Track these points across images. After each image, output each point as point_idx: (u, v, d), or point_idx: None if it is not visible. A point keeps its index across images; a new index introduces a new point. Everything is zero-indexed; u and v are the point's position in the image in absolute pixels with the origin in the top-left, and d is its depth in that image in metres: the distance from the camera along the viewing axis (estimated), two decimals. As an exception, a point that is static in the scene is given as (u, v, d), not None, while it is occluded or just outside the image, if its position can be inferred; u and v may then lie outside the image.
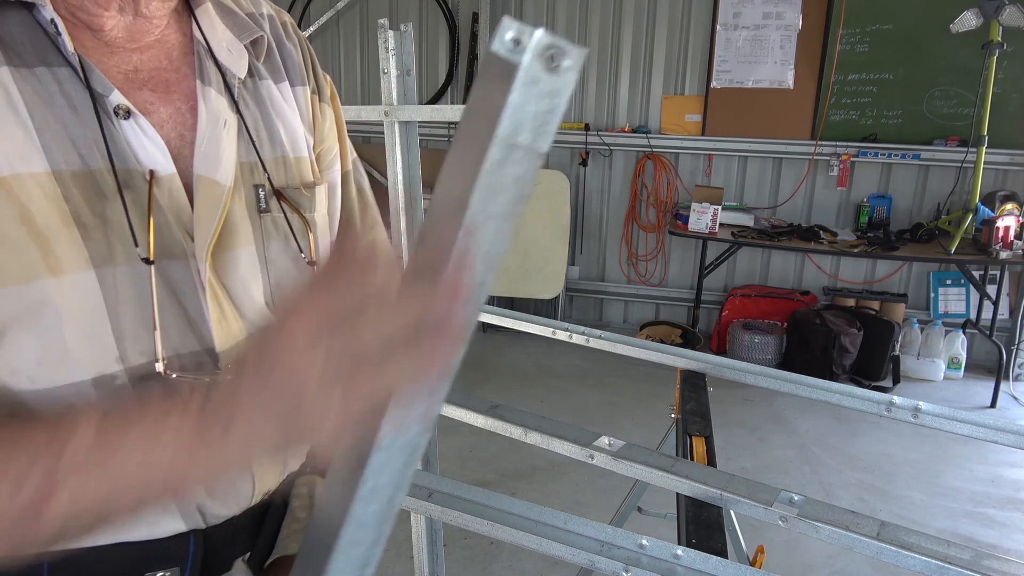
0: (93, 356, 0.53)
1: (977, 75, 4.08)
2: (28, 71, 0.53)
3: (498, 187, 0.39)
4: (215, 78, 0.64)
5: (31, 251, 0.51)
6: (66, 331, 0.52)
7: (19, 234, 0.51)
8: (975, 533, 2.92)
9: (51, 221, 0.52)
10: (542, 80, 0.38)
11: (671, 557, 1.02)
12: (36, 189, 0.52)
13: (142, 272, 0.56)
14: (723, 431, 3.39)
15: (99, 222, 0.54)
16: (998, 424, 1.40)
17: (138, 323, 0.55)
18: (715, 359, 1.77)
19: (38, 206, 0.52)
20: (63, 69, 0.54)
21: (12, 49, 0.53)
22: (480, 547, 2.62)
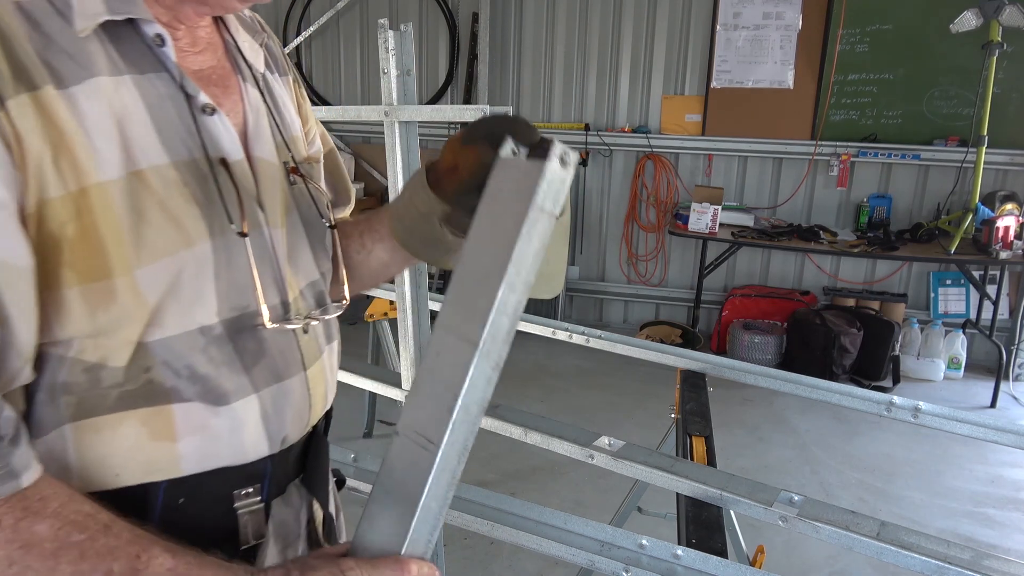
0: (202, 311, 0.66)
1: (977, 75, 4.08)
2: (142, 77, 0.64)
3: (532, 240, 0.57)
4: (247, 73, 0.77)
5: (170, 229, 0.63)
6: (187, 291, 0.64)
7: (160, 216, 0.62)
8: (975, 533, 2.92)
9: (180, 203, 0.64)
10: (559, 171, 0.58)
11: (671, 557, 1.03)
12: (165, 177, 0.63)
13: (238, 243, 0.68)
14: (723, 431, 3.38)
15: (207, 201, 0.66)
16: (998, 424, 1.40)
17: (231, 284, 0.68)
18: (715, 359, 1.77)
19: (168, 191, 0.63)
20: (162, 74, 0.65)
21: (128, 58, 0.63)
22: (480, 547, 2.62)
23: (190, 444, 0.66)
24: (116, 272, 0.60)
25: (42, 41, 0.58)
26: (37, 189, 0.57)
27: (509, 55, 5.22)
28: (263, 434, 0.71)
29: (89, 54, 0.61)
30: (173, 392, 0.65)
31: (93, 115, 0.60)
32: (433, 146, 5.37)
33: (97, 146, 0.59)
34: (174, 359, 0.65)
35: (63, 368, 0.62)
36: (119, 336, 0.62)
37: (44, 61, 0.58)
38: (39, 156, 0.57)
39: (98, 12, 0.60)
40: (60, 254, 0.59)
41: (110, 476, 0.64)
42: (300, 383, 0.76)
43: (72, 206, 0.58)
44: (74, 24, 0.60)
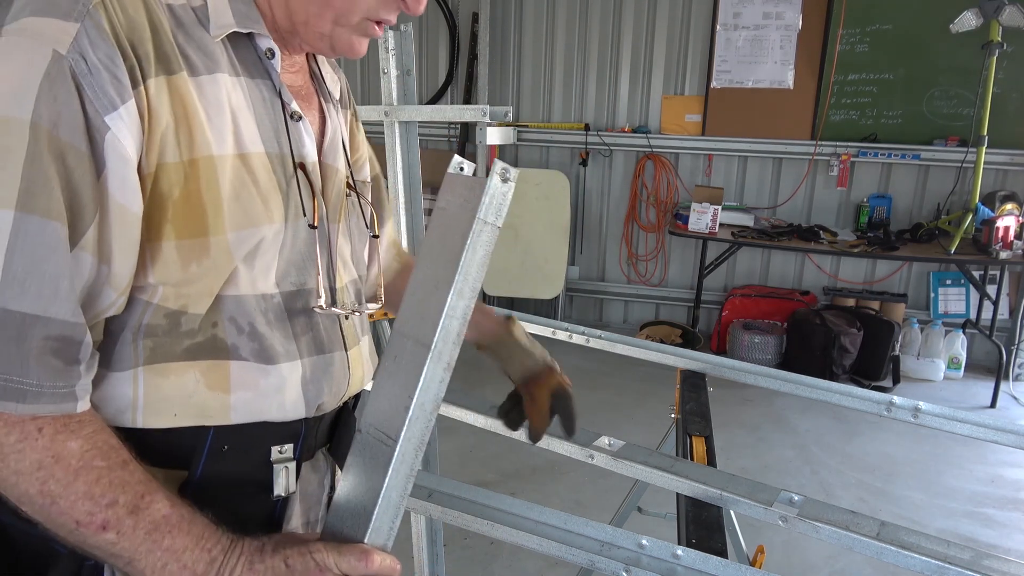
0: (266, 279, 0.78)
1: (977, 75, 4.08)
2: (251, 80, 0.77)
3: (476, 250, 0.63)
4: (329, 98, 0.91)
5: (259, 205, 0.75)
6: (260, 260, 0.76)
7: (252, 192, 0.74)
8: (975, 533, 2.92)
9: (268, 186, 0.76)
10: (500, 186, 0.64)
11: (671, 557, 1.02)
12: (259, 163, 0.75)
13: (307, 231, 0.81)
14: (723, 431, 3.39)
15: (288, 191, 0.78)
16: (998, 424, 1.40)
17: (293, 263, 0.80)
18: (715, 359, 1.77)
19: (261, 175, 0.75)
20: (265, 81, 0.78)
21: (244, 64, 0.76)
22: (480, 547, 2.62)
23: (241, 397, 0.76)
24: (212, 231, 0.71)
25: (184, 37, 0.71)
26: (158, 154, 0.68)
27: (509, 55, 5.22)
28: (302, 397, 0.81)
29: (217, 55, 0.73)
30: (232, 349, 0.75)
31: (214, 101, 0.71)
32: (433, 146, 5.37)
33: (213, 126, 0.71)
34: (240, 316, 0.76)
35: (148, 312, 0.72)
36: (203, 286, 0.73)
37: (183, 53, 0.70)
38: (165, 127, 0.68)
39: (230, 24, 0.74)
40: (166, 211, 0.70)
41: (169, 416, 0.74)
42: (340, 360, 0.86)
43: (182, 172, 0.69)
44: (210, 30, 0.73)
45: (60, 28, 0.62)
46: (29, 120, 0.61)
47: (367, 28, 0.78)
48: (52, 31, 0.62)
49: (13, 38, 0.62)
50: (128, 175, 0.66)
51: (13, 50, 0.62)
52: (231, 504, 0.74)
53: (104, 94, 0.64)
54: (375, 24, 0.78)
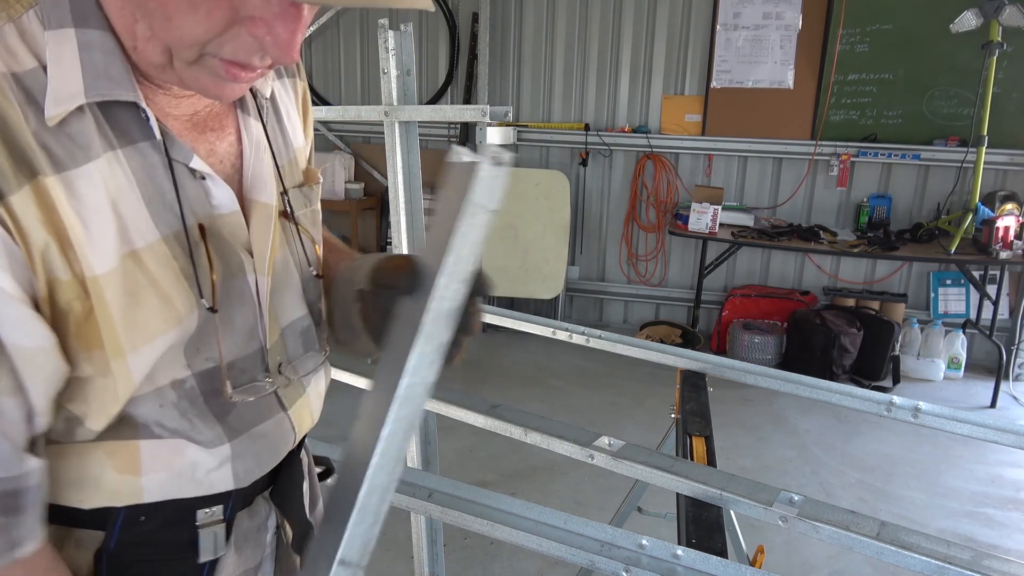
0: (173, 366, 0.66)
1: (977, 75, 4.08)
2: (133, 147, 0.62)
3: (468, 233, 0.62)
4: (250, 104, 0.73)
5: (158, 310, 0.63)
6: (166, 356, 0.65)
7: (152, 296, 0.62)
8: (975, 533, 2.92)
9: (169, 280, 0.63)
10: (492, 170, 0.64)
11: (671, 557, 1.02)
12: (156, 256, 0.63)
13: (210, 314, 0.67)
14: (723, 431, 3.39)
15: (192, 272, 0.65)
16: (998, 424, 1.40)
17: (203, 340, 0.67)
18: (715, 359, 1.77)
19: (159, 270, 0.63)
20: (155, 141, 0.63)
21: (121, 131, 0.61)
22: (480, 547, 2.62)
23: (155, 479, 0.67)
24: (112, 355, 0.62)
25: (38, 120, 0.56)
26: (45, 272, 0.58)
27: (509, 55, 5.22)
28: (230, 475, 0.72)
29: (86, 133, 0.58)
30: (142, 428, 0.66)
31: (90, 200, 0.59)
32: (433, 146, 5.37)
33: (93, 236, 0.59)
34: (145, 410, 0.66)
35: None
36: (105, 404, 0.64)
37: (42, 144, 0.56)
38: (44, 245, 0.57)
39: (74, 94, 0.57)
40: (68, 327, 0.61)
41: (75, 500, 0.66)
42: (277, 424, 0.76)
43: (76, 289, 0.59)
44: (45, 110, 0.56)
45: None
46: None
47: (218, 68, 0.60)
48: None
49: None
50: (10, 312, 0.56)
51: None
52: (152, 569, 0.69)
53: None
54: (232, 66, 0.60)
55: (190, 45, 0.57)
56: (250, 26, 0.57)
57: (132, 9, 0.57)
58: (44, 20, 0.57)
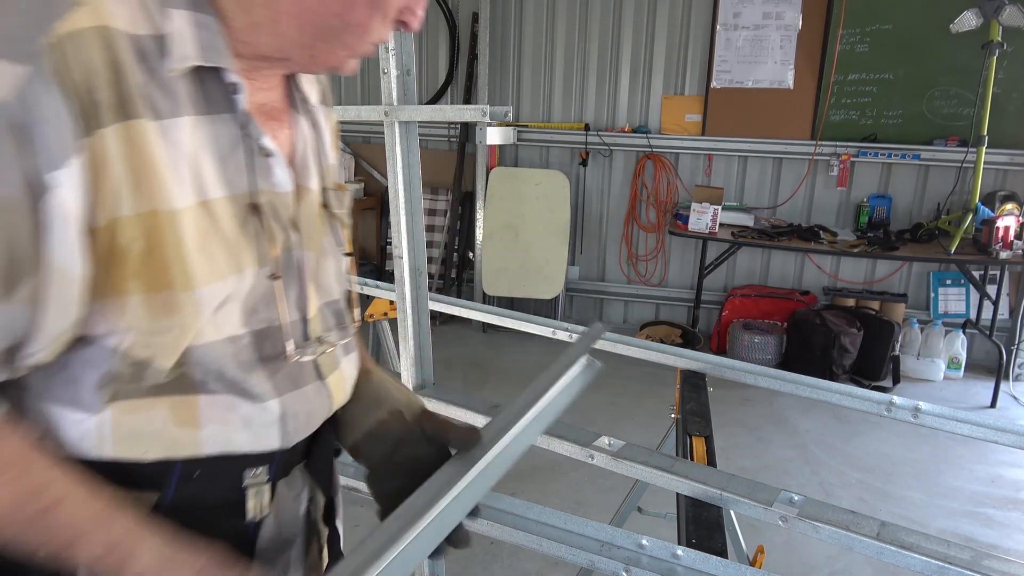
0: (234, 323, 0.74)
1: (977, 75, 4.08)
2: (217, 116, 0.71)
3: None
4: (301, 106, 0.84)
5: (224, 256, 0.70)
6: (225, 308, 0.72)
7: (217, 243, 0.70)
8: (975, 533, 2.92)
9: (234, 233, 0.71)
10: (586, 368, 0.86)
11: (671, 557, 1.02)
12: (222, 209, 0.70)
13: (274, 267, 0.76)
14: (723, 431, 3.38)
15: (255, 232, 0.74)
16: (998, 424, 1.40)
17: (263, 300, 0.76)
18: (715, 359, 1.77)
19: (226, 222, 0.71)
20: (231, 115, 0.72)
21: (209, 100, 0.70)
22: (480, 547, 2.62)
23: (211, 431, 0.73)
24: (178, 287, 0.67)
25: (147, 76, 0.65)
26: (111, 207, 0.63)
27: (509, 55, 5.22)
28: (277, 432, 0.79)
29: (180, 93, 0.67)
30: (201, 385, 0.72)
31: (176, 148, 0.67)
32: (433, 146, 5.38)
33: (174, 176, 0.66)
34: (208, 361, 0.72)
35: (115, 360, 0.69)
36: (171, 340, 0.69)
37: (145, 94, 0.64)
38: (119, 179, 0.63)
39: (190, 56, 0.67)
40: (126, 266, 0.65)
41: (139, 451, 0.72)
42: (317, 390, 0.83)
43: (141, 225, 0.65)
44: (169, 63, 0.66)
45: (5, 72, 0.57)
46: None
47: (367, 49, 0.76)
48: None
49: None
50: (67, 235, 0.62)
51: None
52: (203, 525, 0.73)
53: (46, 150, 0.59)
54: (369, 44, 0.75)
55: (370, 41, 0.74)
56: (398, 16, 0.74)
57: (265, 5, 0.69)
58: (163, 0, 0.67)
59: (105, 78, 0.61)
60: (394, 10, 0.73)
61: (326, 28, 0.71)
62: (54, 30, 0.59)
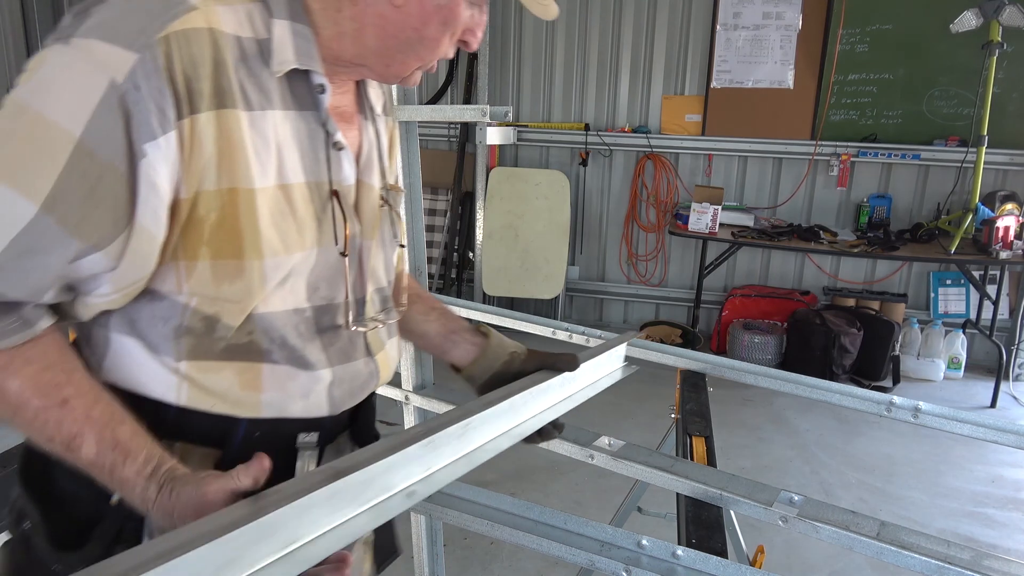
0: (297, 296, 0.84)
1: (977, 75, 4.08)
2: (300, 113, 0.82)
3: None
4: (368, 112, 0.95)
5: (294, 232, 0.81)
6: (292, 280, 0.83)
7: (289, 221, 0.80)
8: (975, 533, 2.92)
9: (304, 214, 0.82)
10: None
11: (671, 557, 1.02)
12: (299, 193, 0.81)
13: (338, 257, 0.87)
14: (723, 431, 3.38)
15: (323, 217, 0.85)
16: (998, 424, 1.40)
17: (324, 279, 0.87)
18: (715, 359, 1.77)
19: (299, 204, 0.81)
20: (313, 113, 0.83)
21: (297, 99, 0.81)
22: (480, 547, 2.62)
23: (271, 396, 0.83)
24: (247, 255, 0.77)
25: (245, 72, 0.76)
26: (198, 182, 0.73)
27: (509, 55, 5.22)
28: (327, 400, 0.89)
29: (272, 90, 0.78)
30: (266, 354, 0.82)
31: (262, 137, 0.77)
32: (433, 146, 5.37)
33: (258, 160, 0.76)
34: (272, 329, 0.82)
35: (187, 314, 0.79)
36: (235, 304, 0.79)
37: (241, 88, 0.75)
38: (208, 158, 0.73)
39: (290, 60, 0.79)
40: (202, 233, 0.75)
41: (207, 404, 0.81)
42: (366, 365, 0.94)
43: (220, 199, 0.75)
44: (271, 65, 0.78)
45: (121, 57, 0.68)
46: (77, 138, 0.67)
47: (433, 63, 0.88)
48: (114, 59, 0.68)
49: (81, 56, 0.68)
50: (153, 200, 0.72)
51: (78, 67, 0.68)
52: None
53: (146, 124, 0.69)
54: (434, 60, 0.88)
55: (438, 56, 0.86)
56: (461, 36, 0.86)
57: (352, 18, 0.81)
58: (271, 11, 0.78)
59: (207, 71, 0.72)
60: (460, 30, 0.84)
61: (403, 41, 0.82)
62: (168, 28, 0.70)
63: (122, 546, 0.75)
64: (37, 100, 0.68)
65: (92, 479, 0.74)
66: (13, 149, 0.68)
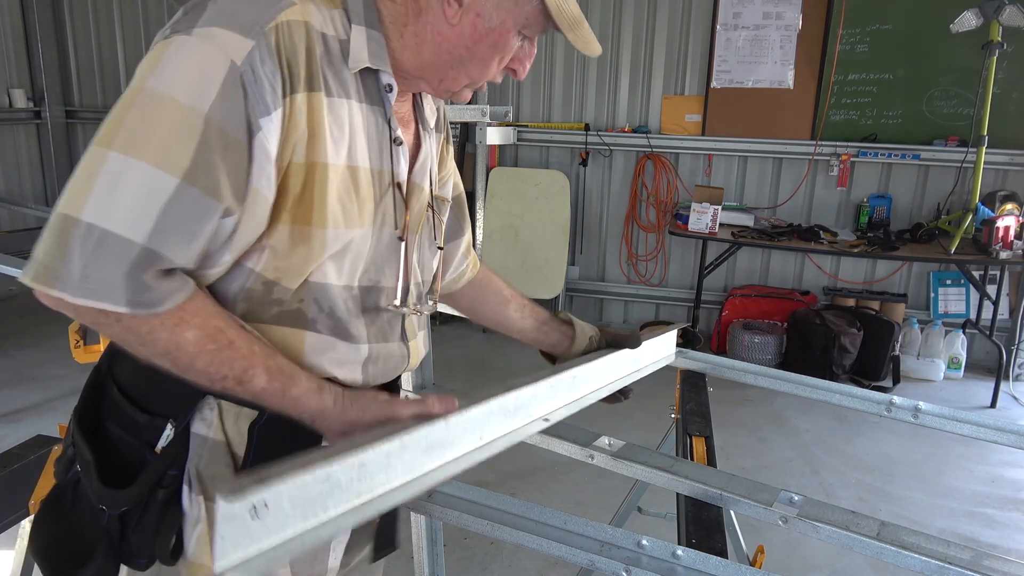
0: (350, 274, 0.93)
1: (977, 75, 4.08)
2: (369, 107, 0.92)
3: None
4: (425, 125, 1.05)
5: (355, 210, 0.90)
6: (348, 256, 0.92)
7: (352, 198, 0.89)
8: (975, 533, 2.92)
9: (366, 196, 0.91)
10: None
11: (671, 557, 1.03)
12: (363, 176, 0.91)
13: (388, 238, 0.97)
14: (723, 431, 3.38)
15: (380, 202, 0.94)
16: (998, 424, 1.40)
17: (374, 262, 0.96)
18: (715, 359, 1.76)
19: (363, 186, 0.91)
20: (380, 109, 0.93)
21: (368, 94, 0.91)
22: (480, 547, 2.62)
23: (310, 360, 0.91)
24: (315, 223, 0.86)
25: (328, 64, 0.86)
26: (289, 154, 0.83)
27: (509, 55, 5.21)
28: (360, 373, 0.97)
29: (349, 83, 0.88)
30: (311, 322, 0.91)
31: (339, 120, 0.87)
32: (433, 146, 5.37)
33: (333, 140, 0.86)
34: (323, 299, 0.91)
35: (250, 279, 0.88)
36: (297, 266, 0.88)
37: (325, 77, 0.85)
38: (300, 133, 0.83)
39: (364, 60, 0.89)
40: (287, 200, 0.85)
41: None
42: (399, 348, 1.03)
43: (304, 171, 0.84)
44: (348, 63, 0.88)
45: (240, 42, 0.78)
46: (205, 114, 0.77)
47: (482, 84, 0.97)
48: (234, 44, 0.78)
49: (204, 43, 0.77)
50: (267, 167, 0.82)
51: (202, 52, 0.77)
52: (286, 446, 0.82)
53: (262, 100, 0.79)
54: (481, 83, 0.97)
55: (487, 79, 0.96)
56: (510, 63, 0.95)
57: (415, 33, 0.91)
58: (351, 17, 0.89)
59: (302, 58, 0.82)
60: (509, 57, 0.93)
61: (456, 57, 0.91)
62: (277, 18, 0.80)
63: (163, 491, 0.88)
64: (165, 85, 0.76)
65: (138, 429, 0.88)
66: (151, 132, 0.76)
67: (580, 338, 1.31)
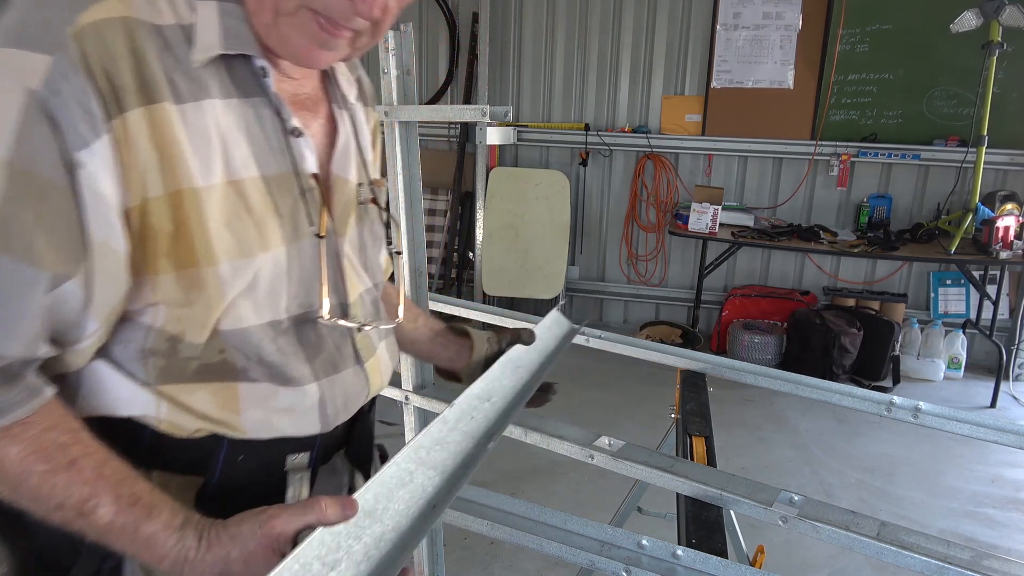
0: (272, 308, 0.77)
1: (977, 75, 4.07)
2: (245, 100, 0.74)
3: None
4: (342, 102, 0.88)
5: (252, 232, 0.73)
6: (262, 290, 0.75)
7: (245, 220, 0.73)
8: (975, 533, 2.92)
9: (263, 211, 0.74)
10: None
11: (671, 557, 1.02)
12: (253, 188, 0.73)
13: (311, 245, 0.79)
14: (723, 431, 3.38)
15: (288, 211, 0.77)
16: (998, 424, 1.40)
17: (299, 283, 0.78)
18: (715, 359, 1.77)
19: (255, 200, 0.73)
20: (263, 99, 0.76)
21: (239, 85, 0.73)
22: (480, 547, 2.62)
23: (252, 416, 0.77)
24: (202, 263, 0.70)
25: (171, 62, 0.68)
26: (141, 188, 0.67)
27: (509, 55, 5.22)
28: (317, 417, 0.82)
29: (205, 79, 0.70)
30: (242, 372, 0.76)
31: (199, 130, 0.69)
32: (433, 146, 5.37)
33: (198, 156, 0.69)
34: (246, 347, 0.75)
35: (150, 337, 0.73)
36: (197, 317, 0.72)
37: (168, 79, 0.68)
38: (147, 160, 0.66)
39: (213, 45, 0.71)
40: (160, 245, 0.69)
41: (189, 430, 0.76)
42: (356, 375, 0.87)
43: (167, 206, 0.68)
44: (193, 54, 0.70)
45: (32, 62, 0.61)
46: (8, 160, 0.60)
47: (312, 27, 0.72)
48: (26, 65, 0.61)
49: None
50: (106, 213, 0.65)
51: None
52: (245, 509, 0.74)
53: (75, 130, 0.62)
54: (323, 21, 0.72)
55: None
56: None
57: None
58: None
59: (127, 64, 0.65)
60: None
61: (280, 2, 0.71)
62: (78, 21, 0.63)
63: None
64: None
65: None
66: None
67: (478, 349, 1.16)
